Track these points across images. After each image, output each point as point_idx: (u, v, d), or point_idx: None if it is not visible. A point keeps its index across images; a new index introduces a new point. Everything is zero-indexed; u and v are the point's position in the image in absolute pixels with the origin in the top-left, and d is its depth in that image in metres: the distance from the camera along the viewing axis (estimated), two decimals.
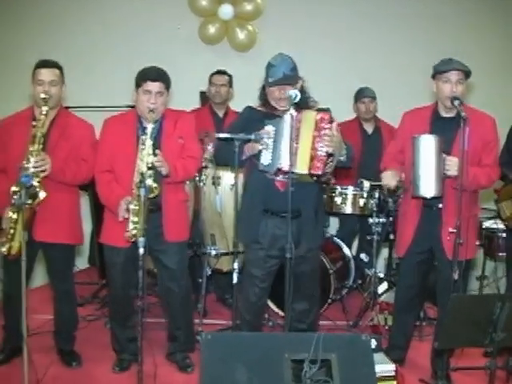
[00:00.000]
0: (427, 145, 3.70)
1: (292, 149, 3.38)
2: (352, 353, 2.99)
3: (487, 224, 5.42)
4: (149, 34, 6.60)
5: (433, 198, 3.78)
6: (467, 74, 3.80)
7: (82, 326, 4.51)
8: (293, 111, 3.41)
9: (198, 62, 6.25)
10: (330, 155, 3.54)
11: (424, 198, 3.82)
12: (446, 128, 3.79)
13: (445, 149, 3.72)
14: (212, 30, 6.63)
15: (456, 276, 3.62)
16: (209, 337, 2.99)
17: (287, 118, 3.45)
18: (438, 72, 3.80)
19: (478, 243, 5.26)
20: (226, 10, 6.55)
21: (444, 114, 3.90)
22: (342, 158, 3.65)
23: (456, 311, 3.13)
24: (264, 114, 3.75)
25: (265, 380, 2.88)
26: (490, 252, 5.38)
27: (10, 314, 4.16)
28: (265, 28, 6.70)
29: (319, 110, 3.67)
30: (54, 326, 4.25)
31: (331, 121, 3.53)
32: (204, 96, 5.90)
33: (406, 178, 3.98)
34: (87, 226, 5.06)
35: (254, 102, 4.03)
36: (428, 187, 3.73)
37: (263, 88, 3.80)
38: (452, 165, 3.65)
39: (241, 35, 6.65)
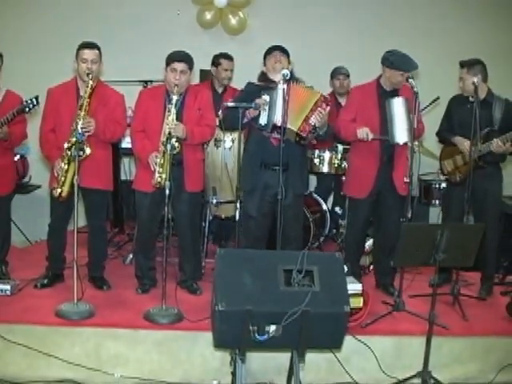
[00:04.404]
0: (399, 104, 4.58)
1: (284, 109, 4.23)
2: (329, 265, 3.62)
3: (444, 185, 6.04)
4: (154, 19, 7.07)
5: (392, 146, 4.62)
6: None
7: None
8: (285, 85, 4.27)
9: (196, 44, 6.35)
10: (314, 128, 4.43)
11: (397, 144, 4.60)
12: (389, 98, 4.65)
13: None
14: (208, 16, 7.12)
15: (409, 215, 4.48)
16: (222, 252, 3.60)
17: (280, 88, 4.32)
18: (398, 68, 4.58)
19: (437, 203, 6.12)
20: None
21: (387, 89, 4.76)
22: (321, 133, 4.53)
23: (407, 237, 3.74)
24: (261, 87, 4.53)
25: (264, 283, 3.47)
26: None
27: (53, 246, 4.75)
28: (254, 15, 7.18)
29: (307, 88, 4.53)
30: (87, 258, 4.81)
31: (328, 104, 4.44)
32: (203, 73, 6.42)
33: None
34: None
35: (243, 78, 4.84)
36: (401, 135, 4.58)
37: (262, 72, 4.65)
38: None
39: (233, 21, 7.14)
